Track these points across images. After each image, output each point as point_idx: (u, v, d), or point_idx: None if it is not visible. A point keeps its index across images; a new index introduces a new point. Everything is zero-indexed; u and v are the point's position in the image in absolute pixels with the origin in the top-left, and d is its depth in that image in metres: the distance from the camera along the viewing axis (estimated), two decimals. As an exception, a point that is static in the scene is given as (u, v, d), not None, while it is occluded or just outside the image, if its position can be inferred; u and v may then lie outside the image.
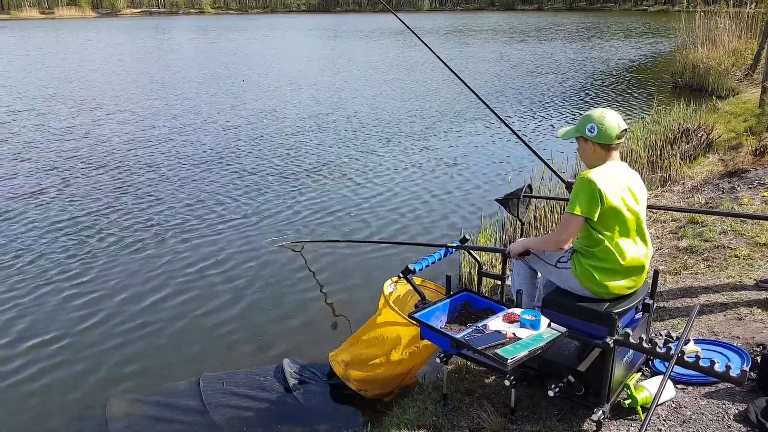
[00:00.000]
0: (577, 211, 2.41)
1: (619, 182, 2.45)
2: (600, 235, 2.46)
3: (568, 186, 3.18)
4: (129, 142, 9.45)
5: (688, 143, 7.13)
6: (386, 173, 7.60)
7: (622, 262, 2.45)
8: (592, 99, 12.70)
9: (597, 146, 2.51)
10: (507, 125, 4.21)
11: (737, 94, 10.99)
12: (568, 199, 2.53)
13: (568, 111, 11.39)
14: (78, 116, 11.53)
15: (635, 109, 11.29)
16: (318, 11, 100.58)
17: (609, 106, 10.61)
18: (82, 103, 12.95)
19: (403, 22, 4.68)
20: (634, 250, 2.49)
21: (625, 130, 2.51)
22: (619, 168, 2.52)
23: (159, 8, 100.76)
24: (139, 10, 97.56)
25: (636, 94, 13.06)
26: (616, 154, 2.54)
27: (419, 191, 6.90)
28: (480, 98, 4.22)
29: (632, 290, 2.55)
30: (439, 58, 4.41)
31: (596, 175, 2.42)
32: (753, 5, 13.50)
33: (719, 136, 7.26)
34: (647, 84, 14.52)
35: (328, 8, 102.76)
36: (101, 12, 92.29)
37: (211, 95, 13.96)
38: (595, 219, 2.41)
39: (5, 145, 9.29)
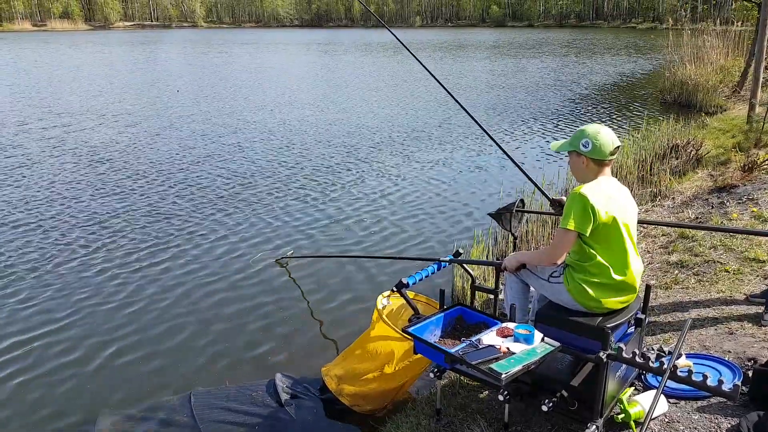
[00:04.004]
0: (570, 226, 2.42)
1: (610, 198, 2.48)
2: (592, 250, 2.47)
3: (553, 203, 3.18)
4: (109, 155, 9.44)
5: (677, 159, 7.21)
6: (378, 188, 7.61)
7: (614, 277, 2.47)
8: (582, 115, 12.83)
9: (590, 161, 2.53)
10: (497, 143, 4.24)
11: (725, 110, 11.14)
12: (559, 214, 2.55)
13: (559, 127, 11.49)
14: (80, 130, 11.52)
15: (625, 124, 11.40)
16: (311, 26, 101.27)
17: (599, 121, 10.72)
18: (85, 116, 12.91)
19: (399, 41, 4.73)
20: (626, 265, 2.50)
21: (618, 146, 2.54)
22: (610, 184, 2.55)
23: (152, 21, 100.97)
24: (132, 23, 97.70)
25: (625, 110, 13.20)
26: (607, 170, 2.57)
27: (412, 206, 6.91)
28: (472, 117, 4.26)
29: (625, 305, 2.56)
30: (430, 73, 4.46)
31: (589, 190, 2.45)
32: (739, 24, 13.75)
33: (708, 152, 7.35)
34: (636, 100, 14.69)
35: (320, 23, 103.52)
36: (94, 25, 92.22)
37: (198, 110, 13.99)
38: (588, 234, 2.43)
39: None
